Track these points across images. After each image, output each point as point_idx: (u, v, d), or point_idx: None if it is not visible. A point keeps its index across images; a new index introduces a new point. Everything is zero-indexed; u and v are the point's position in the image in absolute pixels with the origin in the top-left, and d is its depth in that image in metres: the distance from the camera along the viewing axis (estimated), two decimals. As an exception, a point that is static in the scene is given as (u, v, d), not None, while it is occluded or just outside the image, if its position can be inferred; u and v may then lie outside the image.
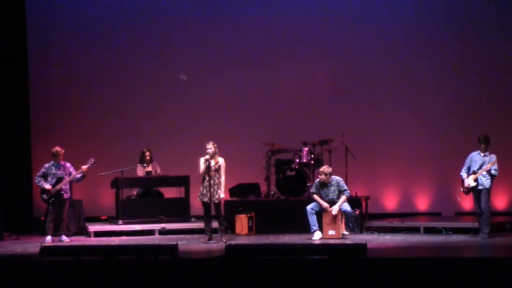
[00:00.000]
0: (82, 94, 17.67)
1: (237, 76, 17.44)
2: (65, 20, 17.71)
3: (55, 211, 14.57)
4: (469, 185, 13.59)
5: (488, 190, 13.60)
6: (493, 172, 13.52)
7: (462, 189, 13.77)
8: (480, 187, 13.58)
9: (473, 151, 13.85)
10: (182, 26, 17.59)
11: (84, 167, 14.60)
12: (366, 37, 17.10)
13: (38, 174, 14.69)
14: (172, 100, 17.55)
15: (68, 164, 14.70)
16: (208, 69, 17.48)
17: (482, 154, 13.65)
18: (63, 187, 14.56)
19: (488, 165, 13.48)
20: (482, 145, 13.62)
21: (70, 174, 14.63)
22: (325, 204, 14.00)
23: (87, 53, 17.67)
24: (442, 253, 12.48)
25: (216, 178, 13.77)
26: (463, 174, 13.75)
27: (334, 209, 13.94)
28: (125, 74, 17.66)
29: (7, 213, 15.85)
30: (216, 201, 13.79)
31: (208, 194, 13.69)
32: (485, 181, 13.57)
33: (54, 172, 14.57)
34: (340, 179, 14.30)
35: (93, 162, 14.68)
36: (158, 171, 16.14)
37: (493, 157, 13.58)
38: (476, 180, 13.57)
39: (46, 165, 14.66)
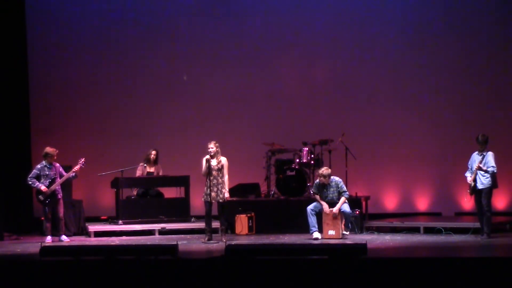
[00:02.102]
0: (82, 94, 17.68)
1: (237, 76, 17.44)
2: (65, 20, 17.71)
3: (51, 211, 14.56)
4: (470, 185, 13.60)
5: (489, 190, 13.58)
6: (489, 169, 13.51)
7: (468, 190, 13.76)
8: (481, 187, 13.58)
9: (473, 151, 13.85)
10: (182, 27, 17.59)
11: (76, 167, 14.60)
12: (366, 37, 17.10)
13: (30, 175, 14.61)
14: (172, 100, 17.55)
15: (58, 164, 14.69)
16: (208, 69, 17.48)
17: (480, 154, 13.66)
18: (57, 187, 14.56)
19: (476, 164, 13.49)
20: (480, 145, 13.64)
21: (60, 174, 14.63)
22: (325, 205, 14.00)
23: (87, 53, 17.67)
24: (442, 253, 12.48)
25: (219, 178, 13.79)
26: (467, 174, 13.75)
27: (334, 211, 13.93)
28: (125, 74, 17.66)
29: (7, 213, 15.85)
30: (220, 200, 13.81)
31: (212, 193, 13.70)
32: (485, 180, 13.57)
33: (47, 173, 14.55)
34: (340, 180, 14.28)
35: (84, 162, 14.67)
36: (161, 174, 16.10)
37: (488, 154, 13.58)
38: (475, 179, 13.58)
39: (38, 166, 14.63)
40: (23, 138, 17.40)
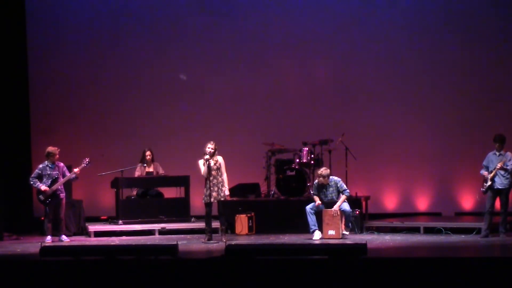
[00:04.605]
0: (82, 94, 17.68)
1: (237, 76, 17.43)
2: (65, 20, 17.71)
3: (52, 212, 14.56)
4: (485, 183, 13.55)
5: (508, 189, 13.58)
6: (509, 167, 13.48)
7: (482, 189, 13.73)
8: (499, 187, 13.57)
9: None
10: (182, 26, 17.59)
11: (77, 169, 14.57)
12: (366, 37, 17.09)
13: (32, 175, 14.62)
14: (172, 100, 17.55)
15: (62, 164, 14.68)
16: (208, 69, 17.48)
17: (497, 154, 13.65)
18: (59, 187, 14.56)
19: (499, 164, 13.47)
20: (497, 144, 13.63)
21: (63, 174, 14.62)
22: (316, 199, 14.02)
23: (87, 53, 17.66)
24: (442, 253, 12.48)
25: (219, 177, 13.80)
26: (483, 172, 13.72)
27: (334, 209, 13.94)
28: (125, 74, 17.66)
29: (7, 213, 15.85)
30: (222, 199, 13.81)
31: (213, 193, 13.70)
32: (505, 181, 13.56)
33: (49, 172, 14.54)
34: (339, 179, 14.28)
35: (88, 162, 14.66)
36: (161, 172, 16.12)
37: (508, 155, 13.58)
38: (492, 179, 13.55)
39: (41, 165, 14.63)
40: (23, 138, 17.40)
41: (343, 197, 14.09)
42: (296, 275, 10.00)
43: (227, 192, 13.92)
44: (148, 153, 16.05)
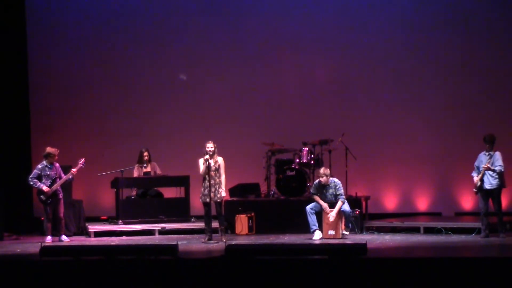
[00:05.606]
0: (82, 94, 17.68)
1: (237, 76, 17.43)
2: (65, 20, 17.71)
3: (52, 211, 14.56)
4: (476, 184, 13.59)
5: (499, 190, 13.58)
6: (496, 168, 13.49)
7: (474, 189, 13.75)
8: (489, 187, 13.58)
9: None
10: (181, 26, 17.59)
11: (74, 169, 14.58)
12: (366, 37, 17.09)
13: (31, 175, 14.60)
14: (172, 100, 17.56)
15: (57, 165, 14.69)
16: (208, 69, 17.48)
17: (487, 154, 13.65)
18: (58, 187, 14.56)
19: (484, 164, 13.48)
20: (487, 145, 13.63)
21: (60, 174, 14.62)
22: (325, 205, 13.99)
23: (87, 53, 17.67)
24: (442, 253, 12.48)
25: (216, 178, 13.79)
26: (474, 174, 13.74)
27: (331, 216, 13.90)
28: (125, 74, 17.66)
29: (7, 213, 15.84)
30: (218, 200, 13.80)
31: (210, 194, 13.70)
32: (493, 181, 13.56)
33: (48, 173, 14.55)
34: (338, 182, 14.22)
35: (83, 162, 14.66)
36: (158, 171, 16.12)
37: (496, 154, 13.58)
38: (481, 179, 13.56)
39: (39, 166, 14.62)
40: (23, 137, 17.41)
41: (339, 203, 13.98)
42: (296, 275, 10.00)
43: (223, 194, 13.89)
44: (145, 153, 16.05)
